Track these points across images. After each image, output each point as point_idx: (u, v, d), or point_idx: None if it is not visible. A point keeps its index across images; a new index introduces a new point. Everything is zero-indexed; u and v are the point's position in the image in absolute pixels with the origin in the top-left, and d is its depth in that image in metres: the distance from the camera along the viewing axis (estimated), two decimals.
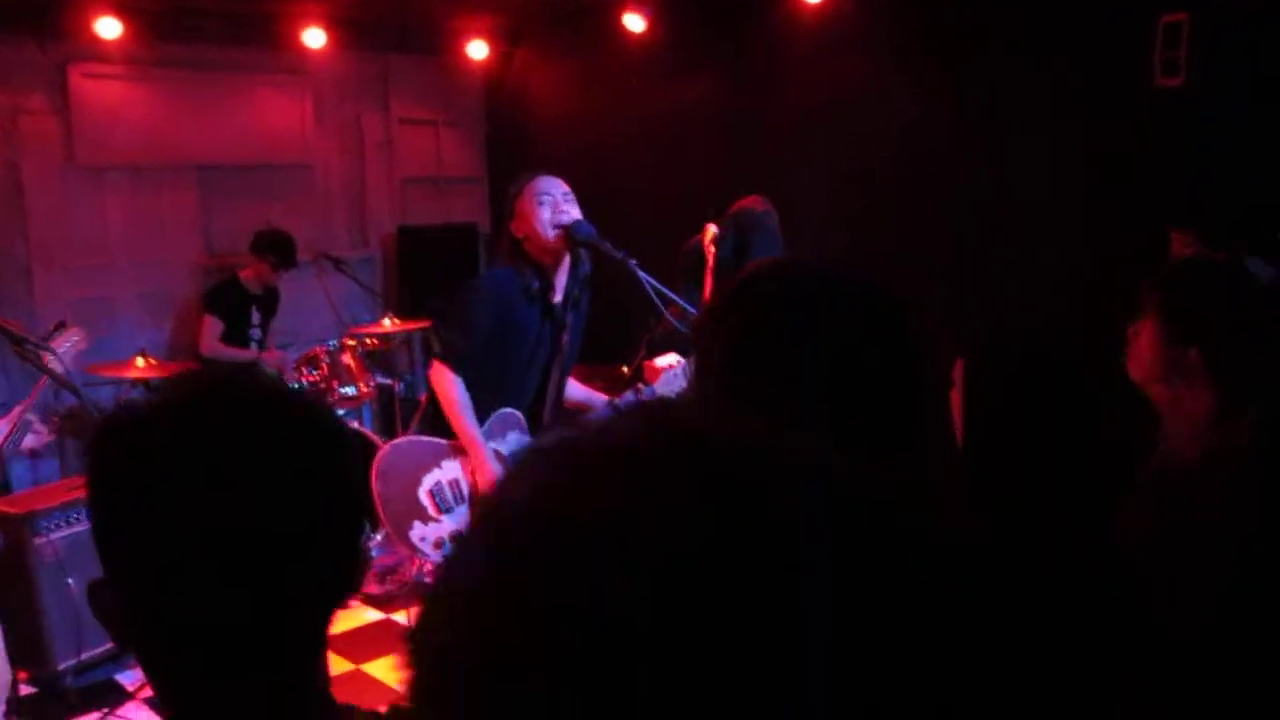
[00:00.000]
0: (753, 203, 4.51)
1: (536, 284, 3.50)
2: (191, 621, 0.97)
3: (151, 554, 0.97)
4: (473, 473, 3.53)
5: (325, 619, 1.06)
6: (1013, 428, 1.57)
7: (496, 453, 3.53)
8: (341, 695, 1.06)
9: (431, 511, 3.47)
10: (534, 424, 3.65)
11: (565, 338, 3.62)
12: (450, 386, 3.47)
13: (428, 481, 3.50)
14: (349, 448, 1.07)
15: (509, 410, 3.58)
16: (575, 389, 3.85)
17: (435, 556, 3.50)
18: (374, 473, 3.53)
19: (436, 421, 3.58)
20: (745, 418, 0.55)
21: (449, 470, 3.53)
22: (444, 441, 3.54)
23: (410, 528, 3.45)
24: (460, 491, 3.53)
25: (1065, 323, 1.68)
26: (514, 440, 3.56)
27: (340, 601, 1.05)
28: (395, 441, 3.66)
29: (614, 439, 0.54)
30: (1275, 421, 1.77)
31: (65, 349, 3.25)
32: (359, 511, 1.08)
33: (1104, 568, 1.47)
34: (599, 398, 3.79)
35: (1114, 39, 4.48)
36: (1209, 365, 1.87)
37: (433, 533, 3.46)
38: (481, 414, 3.53)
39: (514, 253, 3.52)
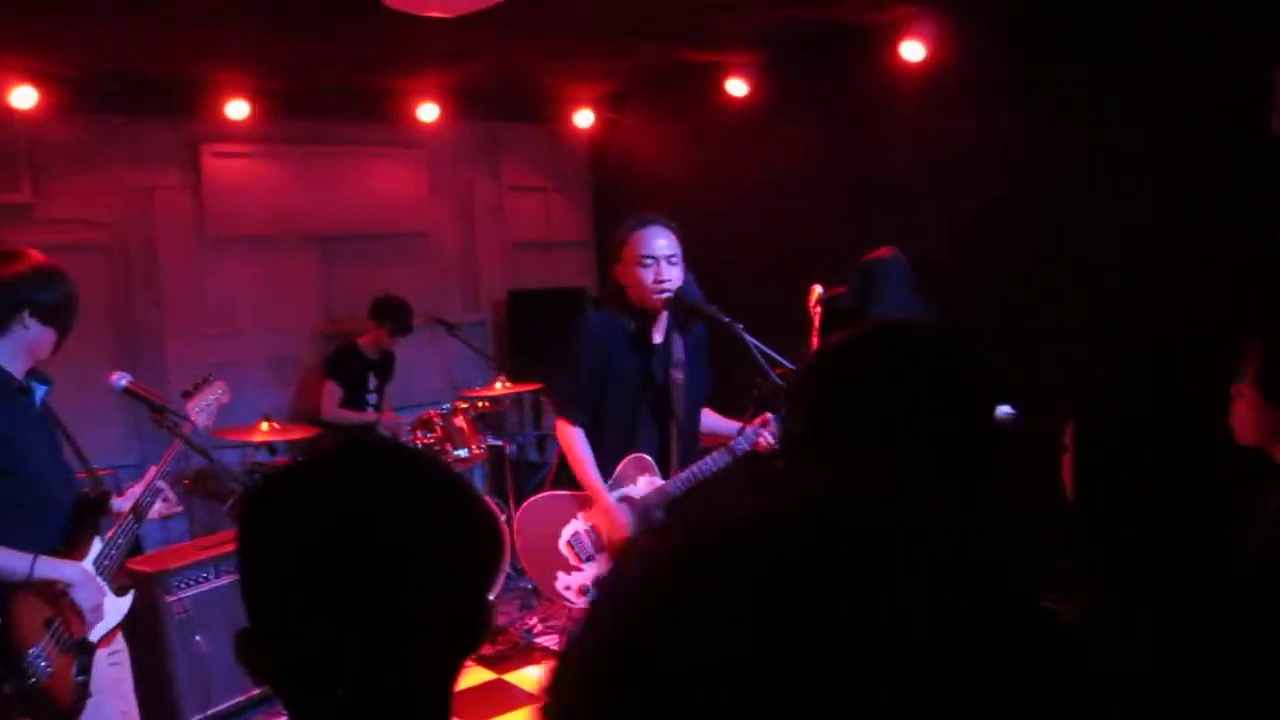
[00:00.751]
0: (881, 252, 4.53)
1: (634, 324, 3.56)
2: (327, 666, 1.03)
3: (294, 601, 1.04)
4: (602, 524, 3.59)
5: (453, 671, 1.11)
6: (1127, 489, 1.55)
7: (627, 498, 3.58)
8: None
9: (573, 561, 3.59)
10: (665, 465, 3.66)
11: (677, 375, 3.63)
12: (571, 439, 3.59)
13: (566, 533, 3.62)
14: (477, 503, 1.13)
15: (639, 455, 3.61)
16: (711, 420, 3.84)
17: (581, 604, 3.58)
18: (515, 529, 3.71)
19: (566, 474, 3.67)
20: (857, 486, 0.57)
21: (584, 520, 3.62)
22: (577, 493, 3.63)
23: (555, 578, 3.60)
24: (598, 539, 3.61)
25: (1179, 376, 1.65)
26: (644, 484, 3.60)
27: (466, 655, 1.11)
28: (532, 499, 3.77)
29: (729, 522, 0.56)
30: None
31: (209, 402, 3.39)
32: (485, 565, 1.13)
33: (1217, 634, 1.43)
34: (730, 425, 3.75)
35: (1226, 88, 4.39)
36: None
37: (576, 581, 3.57)
38: (610, 458, 3.59)
39: (616, 294, 3.60)
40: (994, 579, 0.55)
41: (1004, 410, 3.86)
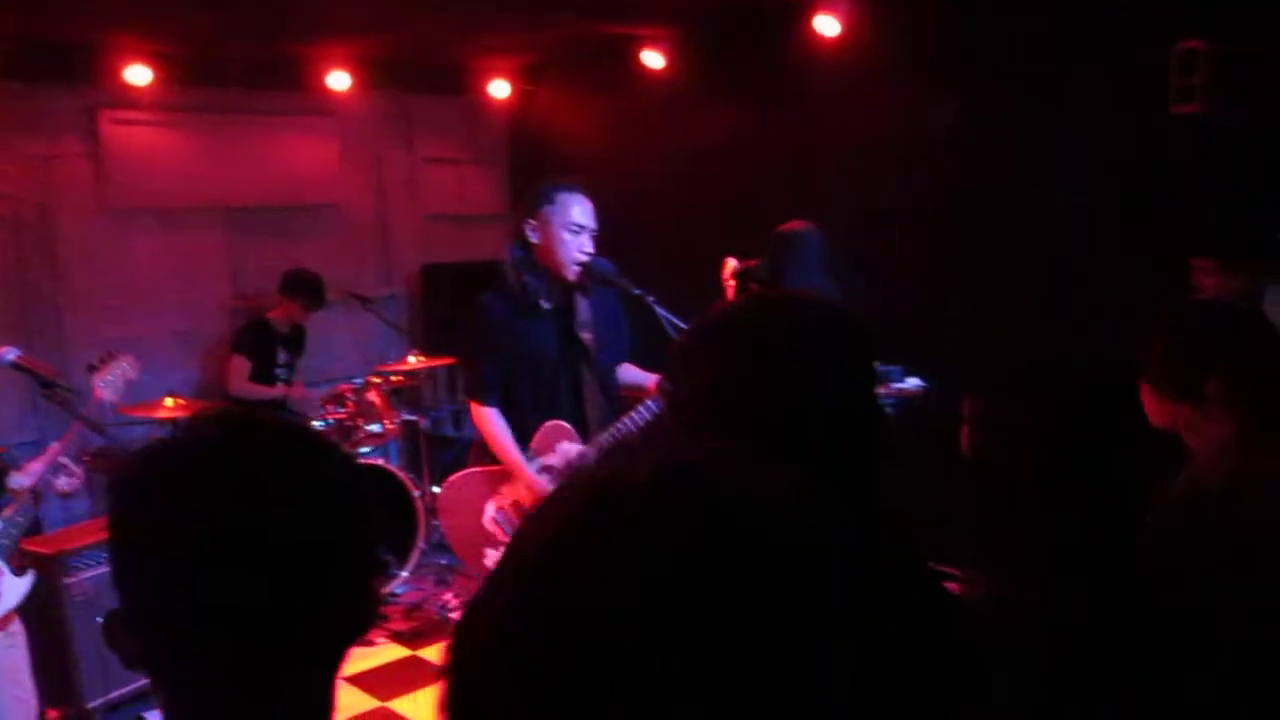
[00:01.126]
0: (795, 224, 4.56)
1: (528, 298, 3.47)
2: (203, 648, 1.00)
3: (165, 579, 1.00)
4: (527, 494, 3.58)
5: (339, 654, 1.07)
6: (1026, 463, 1.57)
7: (547, 468, 3.56)
8: None
9: (500, 536, 3.58)
10: (583, 429, 3.62)
11: (585, 336, 3.58)
12: (485, 419, 3.56)
13: (490, 509, 3.62)
14: (362, 481, 1.10)
15: (556, 422, 3.58)
16: (632, 373, 3.80)
17: None
18: (439, 511, 3.70)
19: (485, 454, 3.64)
20: (738, 462, 0.59)
21: (508, 494, 3.61)
22: (496, 468, 3.61)
23: (484, 555, 3.60)
24: (523, 512, 3.59)
25: (1083, 355, 1.68)
26: (564, 450, 3.58)
27: (349, 643, 1.07)
28: (452, 479, 3.73)
29: (626, 484, 0.58)
30: None
31: (115, 377, 3.29)
32: (371, 545, 1.10)
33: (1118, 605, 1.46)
34: (648, 376, 3.72)
35: (1132, 66, 4.49)
36: (1226, 396, 1.88)
37: None
38: (529, 431, 3.56)
39: (519, 249, 3.49)
40: (871, 560, 0.59)
41: (914, 382, 3.97)
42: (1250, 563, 1.73)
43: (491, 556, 3.57)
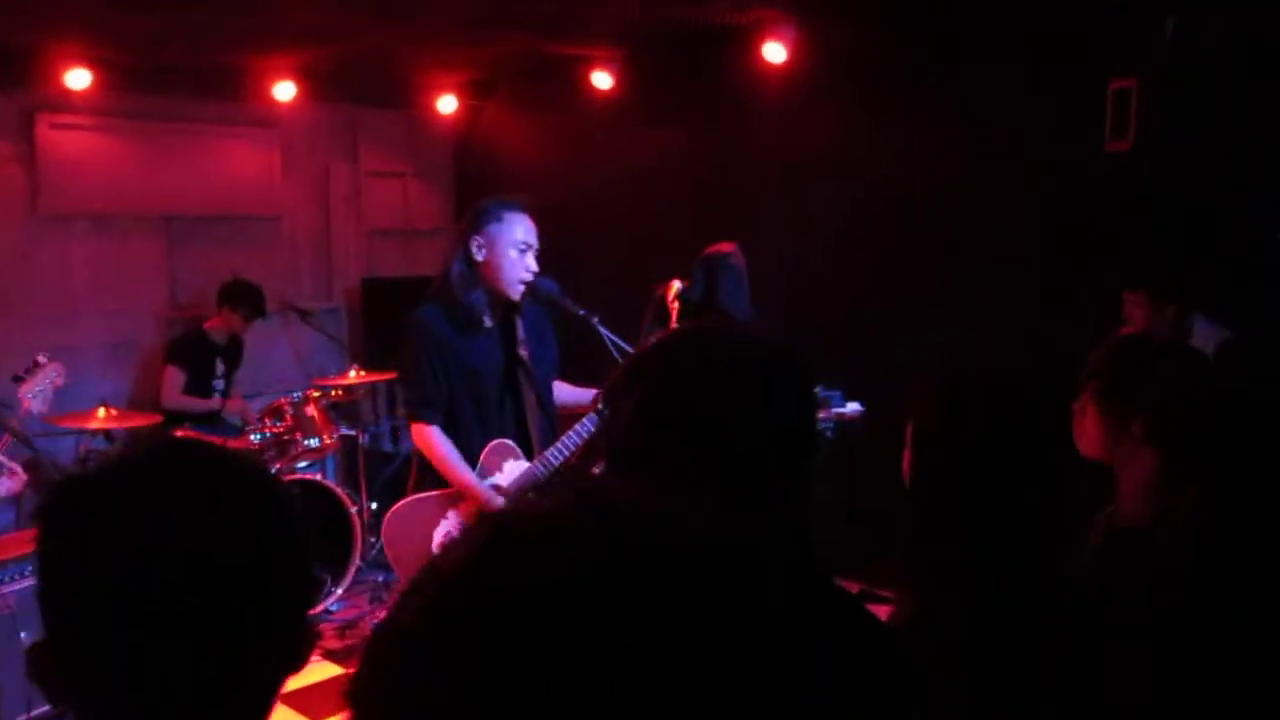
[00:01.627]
0: (720, 247, 4.58)
1: (467, 314, 3.43)
2: (134, 680, 0.98)
3: (96, 609, 0.98)
4: (478, 514, 3.51)
5: (273, 686, 1.06)
6: (959, 490, 1.60)
7: (496, 487, 3.49)
8: None
9: None
10: (526, 447, 3.57)
11: (523, 352, 3.55)
12: (431, 439, 3.46)
13: (438, 534, 3.50)
14: (293, 508, 1.08)
15: (500, 440, 3.53)
16: (566, 391, 3.77)
17: None
18: (385, 539, 3.56)
19: (428, 475, 3.55)
20: (638, 492, 0.60)
21: (454, 519, 3.52)
22: (444, 491, 3.52)
23: None
24: None
25: (1019, 380, 1.72)
26: (511, 468, 3.52)
27: (286, 675, 1.06)
28: (396, 506, 3.62)
29: (536, 518, 0.59)
30: (1213, 497, 1.83)
31: (44, 387, 3.20)
32: (307, 576, 1.09)
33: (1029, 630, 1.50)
34: (586, 393, 3.68)
35: (1067, 103, 4.61)
36: (1148, 433, 1.93)
37: None
38: (471, 451, 3.49)
39: (462, 271, 3.44)
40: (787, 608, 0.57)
41: (854, 407, 4.02)
42: (1152, 604, 1.77)
43: None
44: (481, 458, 3.51)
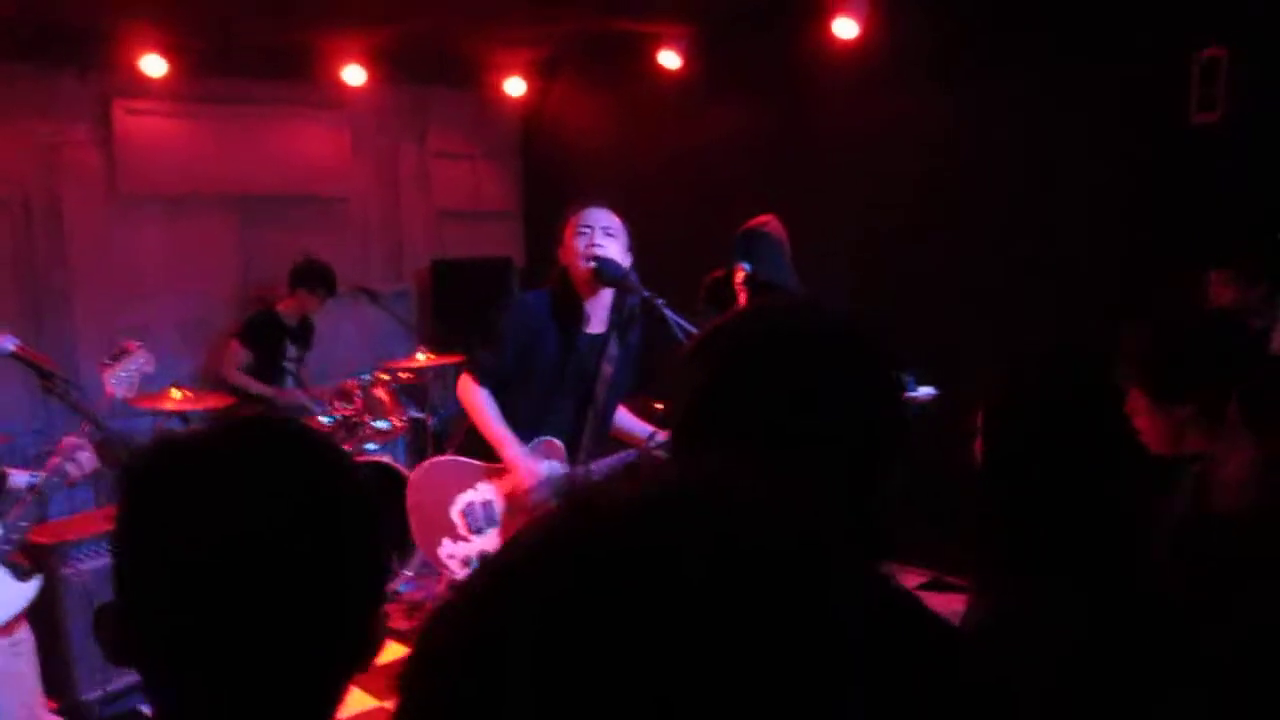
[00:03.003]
0: (756, 220, 4.51)
1: (570, 311, 3.52)
2: (193, 651, 0.98)
3: (158, 581, 0.99)
4: (505, 496, 3.52)
5: (335, 690, 1.05)
6: (1035, 480, 1.53)
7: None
8: None
9: (462, 529, 3.51)
10: (574, 454, 3.61)
11: (606, 369, 3.60)
12: (474, 395, 3.51)
13: (461, 500, 3.53)
14: (368, 497, 1.07)
15: (551, 439, 3.56)
16: (624, 419, 3.82)
17: (463, 574, 3.50)
18: (410, 486, 3.59)
19: (476, 445, 3.57)
20: (717, 473, 0.56)
21: (483, 492, 3.54)
22: (481, 463, 3.55)
23: (439, 544, 3.50)
24: (492, 514, 3.53)
25: (1097, 365, 1.64)
26: (549, 468, 3.53)
27: (350, 674, 1.05)
28: (436, 458, 3.68)
29: (611, 500, 0.55)
30: None
31: (130, 372, 3.22)
32: (373, 567, 1.07)
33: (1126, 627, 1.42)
34: (643, 428, 3.73)
35: (1151, 74, 4.44)
36: (1246, 420, 1.83)
37: (461, 551, 3.48)
38: (520, 433, 3.51)
39: (559, 278, 3.56)
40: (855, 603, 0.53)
41: (926, 391, 3.92)
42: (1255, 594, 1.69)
43: (447, 547, 3.48)
44: (530, 445, 3.53)
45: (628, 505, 0.54)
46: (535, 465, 3.48)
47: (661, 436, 3.54)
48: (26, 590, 2.93)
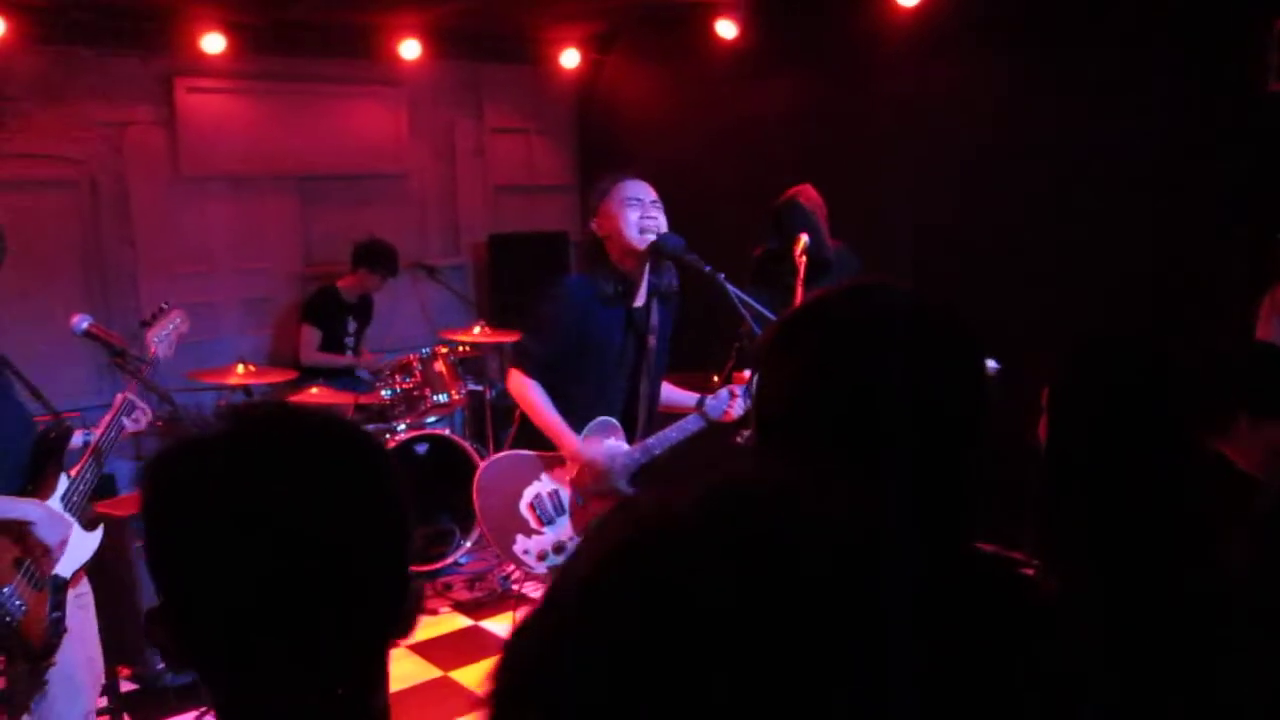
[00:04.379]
0: (791, 190, 4.48)
1: (613, 288, 3.44)
2: (242, 640, 0.99)
3: (203, 571, 0.99)
4: (570, 483, 3.53)
5: (380, 651, 1.06)
6: (1103, 459, 1.50)
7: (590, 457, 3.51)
8: (427, 702, 1.06)
9: (533, 524, 3.50)
10: (630, 431, 3.60)
11: (651, 341, 3.57)
12: (527, 389, 3.49)
13: (528, 495, 3.52)
14: (391, 474, 1.08)
15: (606, 418, 3.54)
16: (670, 392, 3.78)
17: (539, 568, 3.52)
18: (475, 488, 3.57)
19: (531, 435, 3.57)
20: (791, 477, 0.57)
21: (548, 482, 3.54)
22: (540, 454, 3.55)
23: (514, 541, 3.49)
24: (560, 502, 3.53)
25: (1164, 344, 1.61)
26: (610, 446, 3.53)
27: (395, 635, 1.06)
28: (494, 457, 3.68)
29: (668, 515, 0.55)
30: None
31: (168, 332, 3.30)
32: (407, 545, 1.08)
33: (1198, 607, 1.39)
34: (690, 398, 3.70)
35: (1225, 41, 4.32)
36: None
37: (535, 545, 3.48)
38: (576, 419, 3.50)
39: (594, 253, 3.48)
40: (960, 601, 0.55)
41: (990, 365, 3.83)
42: None
43: (521, 543, 3.47)
44: (586, 430, 3.52)
45: (680, 525, 0.54)
46: (597, 451, 3.47)
47: (710, 401, 3.51)
48: (91, 541, 3.02)
